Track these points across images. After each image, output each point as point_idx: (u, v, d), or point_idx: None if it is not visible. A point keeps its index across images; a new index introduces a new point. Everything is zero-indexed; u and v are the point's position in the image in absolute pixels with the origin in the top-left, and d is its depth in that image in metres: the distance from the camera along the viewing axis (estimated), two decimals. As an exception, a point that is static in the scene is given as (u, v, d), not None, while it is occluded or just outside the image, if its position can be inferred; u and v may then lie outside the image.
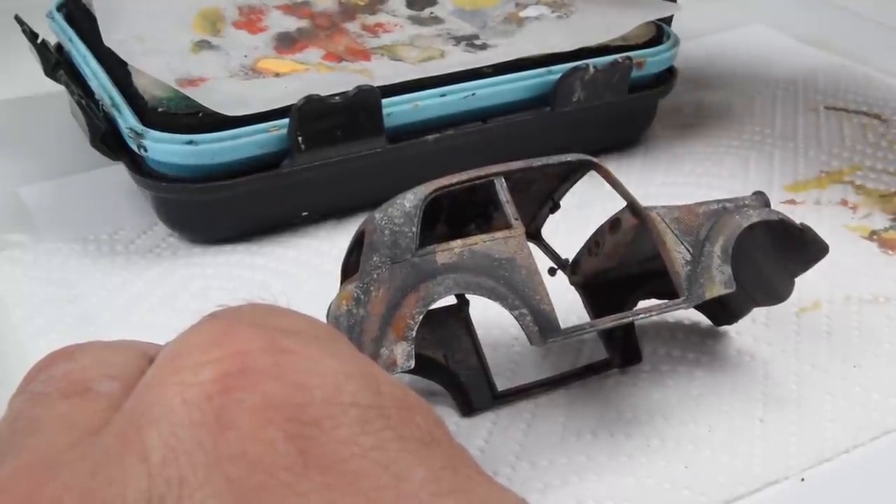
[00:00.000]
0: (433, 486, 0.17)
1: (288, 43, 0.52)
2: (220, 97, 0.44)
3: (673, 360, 0.40)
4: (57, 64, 0.50)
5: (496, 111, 0.50)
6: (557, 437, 0.36)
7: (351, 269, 0.35)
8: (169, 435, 0.16)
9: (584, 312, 0.40)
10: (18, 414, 0.19)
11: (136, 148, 0.44)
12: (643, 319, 0.35)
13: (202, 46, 0.50)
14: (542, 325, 0.32)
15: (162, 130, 0.43)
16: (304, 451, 0.16)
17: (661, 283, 0.37)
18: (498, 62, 0.50)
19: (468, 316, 0.38)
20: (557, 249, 0.41)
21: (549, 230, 0.42)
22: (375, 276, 0.33)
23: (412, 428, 0.18)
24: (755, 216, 0.36)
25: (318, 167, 0.46)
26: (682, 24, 0.57)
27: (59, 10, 0.55)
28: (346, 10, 0.56)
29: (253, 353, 0.18)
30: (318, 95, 0.44)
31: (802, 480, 0.35)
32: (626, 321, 0.35)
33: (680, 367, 0.40)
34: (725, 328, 0.42)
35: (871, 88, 0.65)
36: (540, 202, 0.41)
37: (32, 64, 0.52)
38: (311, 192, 0.47)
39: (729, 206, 0.37)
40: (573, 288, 0.40)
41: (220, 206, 0.46)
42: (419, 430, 0.18)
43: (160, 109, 0.44)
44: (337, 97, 0.45)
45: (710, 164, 0.56)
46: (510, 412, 0.37)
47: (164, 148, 0.43)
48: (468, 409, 0.37)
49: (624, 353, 0.40)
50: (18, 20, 0.52)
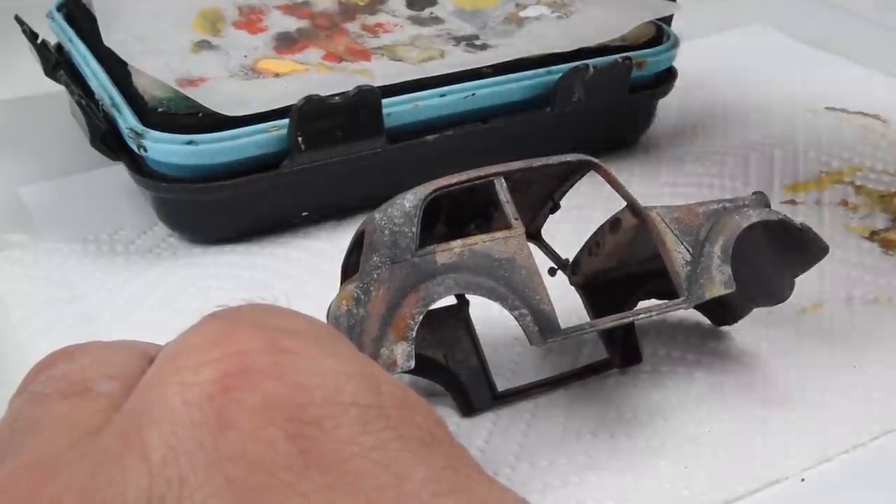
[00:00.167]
0: (433, 485, 0.17)
1: (288, 43, 0.52)
2: (220, 97, 0.44)
3: (673, 360, 0.40)
4: (57, 64, 0.50)
5: (496, 111, 0.50)
6: (557, 437, 0.36)
7: (351, 269, 0.35)
8: (169, 435, 0.16)
9: (584, 312, 0.40)
10: (18, 414, 0.19)
11: (136, 148, 0.44)
12: (643, 319, 0.35)
13: (202, 46, 0.50)
14: (542, 325, 0.32)
15: (162, 130, 0.43)
16: (304, 450, 0.16)
17: (661, 283, 0.37)
18: (498, 62, 0.50)
19: (468, 316, 0.37)
20: (557, 249, 0.41)
21: (549, 230, 0.42)
22: (375, 276, 0.33)
23: (412, 428, 0.18)
24: (755, 216, 0.36)
25: (318, 167, 0.46)
26: (682, 24, 0.57)
27: (59, 10, 0.55)
28: (346, 10, 0.56)
29: (253, 353, 0.18)
30: (318, 95, 0.44)
31: (802, 480, 0.35)
32: (626, 321, 0.35)
33: (680, 367, 0.40)
34: (726, 328, 0.42)
35: (871, 88, 0.65)
36: (540, 202, 0.41)
37: (32, 64, 0.52)
38: (311, 192, 0.47)
39: (729, 206, 0.37)
40: (573, 288, 0.40)
41: (220, 206, 0.46)
42: (419, 429, 0.18)
43: (160, 109, 0.44)
44: (337, 97, 0.45)
45: (710, 164, 0.56)
46: (510, 412, 0.37)
47: (164, 148, 0.43)
48: (468, 409, 0.37)
49: (624, 353, 0.40)
50: (18, 20, 0.52)
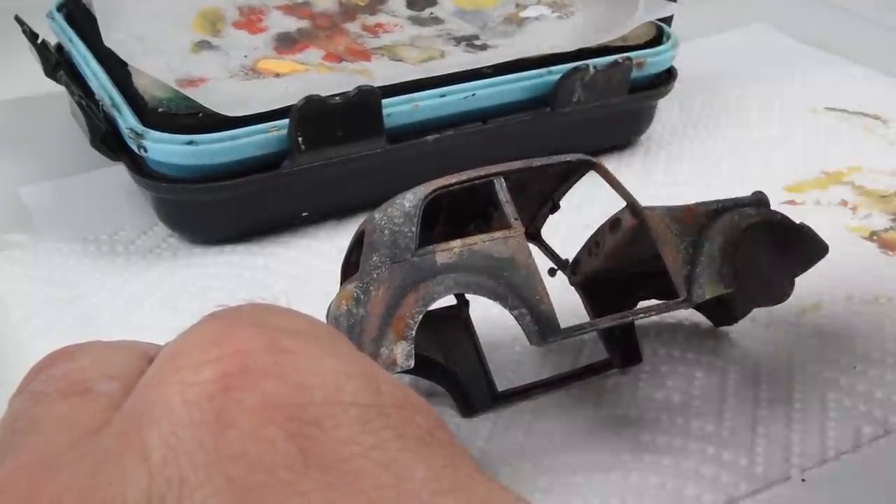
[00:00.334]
0: (434, 484, 0.17)
1: (288, 43, 0.52)
2: (220, 97, 0.44)
3: (673, 360, 0.40)
4: (57, 64, 0.50)
5: (496, 111, 0.50)
6: (558, 437, 0.36)
7: (351, 269, 0.35)
8: (169, 434, 0.16)
9: (584, 312, 0.40)
10: (18, 414, 0.19)
11: (136, 148, 0.44)
12: (643, 319, 0.35)
13: (202, 47, 0.50)
14: (541, 325, 0.32)
15: (162, 131, 0.43)
16: (304, 450, 0.16)
17: (661, 283, 0.37)
18: (498, 62, 0.50)
19: (468, 316, 0.37)
20: (557, 249, 0.41)
21: (549, 230, 0.42)
22: (375, 275, 0.33)
23: (412, 427, 0.18)
24: (755, 216, 0.36)
25: (318, 167, 0.46)
26: (682, 24, 0.57)
27: (59, 10, 0.55)
28: (346, 10, 0.56)
29: (253, 352, 0.18)
30: (318, 96, 0.44)
31: (803, 480, 0.35)
32: (625, 321, 0.35)
33: (680, 367, 0.40)
34: (725, 329, 0.42)
35: (871, 88, 0.65)
36: (540, 202, 0.41)
37: (32, 64, 0.52)
38: (311, 192, 0.47)
39: (729, 205, 0.37)
40: (573, 288, 0.40)
41: (220, 206, 0.46)
42: (419, 429, 0.18)
43: (160, 110, 0.44)
44: (337, 97, 0.45)
45: (709, 164, 0.56)
46: (510, 412, 0.37)
47: (164, 148, 0.43)
48: (468, 409, 0.37)
49: (624, 353, 0.40)
50: (18, 20, 0.52)
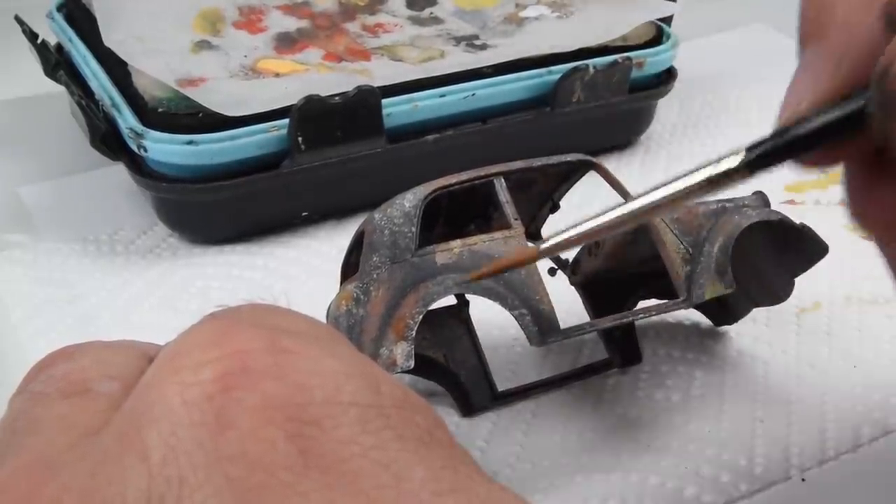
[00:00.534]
0: (433, 485, 0.17)
1: (288, 43, 0.52)
2: (220, 97, 0.44)
3: (673, 360, 0.40)
4: (57, 64, 0.50)
5: (496, 111, 0.50)
6: (558, 437, 0.36)
7: (351, 269, 0.35)
8: (169, 434, 0.16)
9: (584, 312, 0.40)
10: (18, 414, 0.19)
11: (136, 148, 0.44)
12: (643, 319, 0.35)
13: (202, 46, 0.50)
14: (541, 325, 0.32)
15: (162, 131, 0.43)
16: (304, 450, 0.16)
17: (661, 283, 0.37)
18: (498, 62, 0.50)
19: (468, 316, 0.37)
20: (557, 249, 0.41)
21: (549, 230, 0.42)
22: (375, 276, 0.33)
23: (412, 427, 0.18)
24: (755, 216, 0.36)
25: (318, 167, 0.46)
26: (682, 24, 0.57)
27: (59, 10, 0.55)
28: (346, 10, 0.56)
29: (253, 352, 0.18)
30: (318, 95, 0.44)
31: (803, 480, 0.35)
32: (626, 321, 0.35)
33: (680, 367, 0.40)
34: (725, 328, 0.42)
35: (871, 89, 0.65)
36: (540, 202, 0.41)
37: (32, 64, 0.52)
38: (311, 192, 0.47)
39: (729, 206, 0.37)
40: (573, 288, 0.40)
41: (220, 206, 0.46)
42: (419, 429, 0.18)
43: (160, 109, 0.44)
44: (337, 97, 0.45)
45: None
46: (510, 412, 0.37)
47: (164, 148, 0.43)
48: (468, 409, 0.37)
49: (624, 353, 0.40)
50: (18, 20, 0.52)
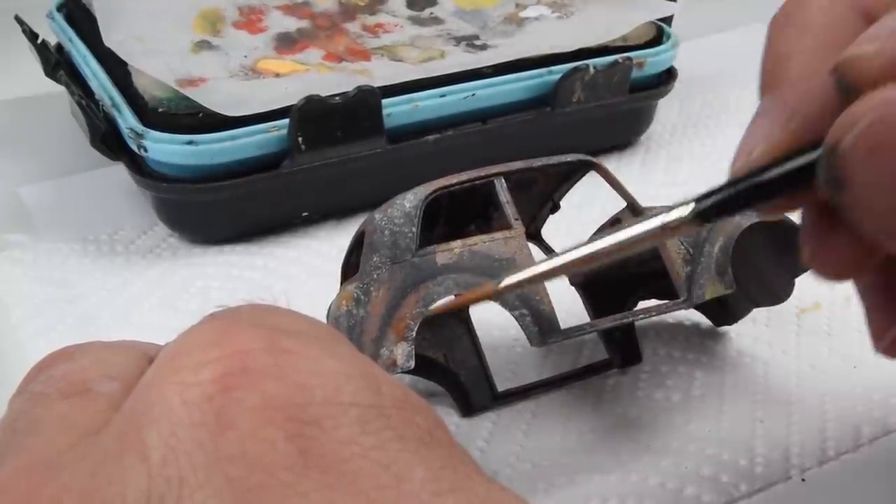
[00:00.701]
0: (433, 485, 0.17)
1: (288, 43, 0.52)
2: (220, 97, 0.44)
3: (673, 360, 0.40)
4: (57, 64, 0.50)
5: (496, 111, 0.50)
6: (558, 437, 0.36)
7: (351, 269, 0.35)
8: (169, 435, 0.16)
9: (584, 313, 0.40)
10: (18, 414, 0.19)
11: (136, 148, 0.44)
12: (643, 320, 0.35)
13: (202, 47, 0.50)
14: (541, 325, 0.32)
15: (162, 130, 0.43)
16: (304, 450, 0.16)
17: (661, 283, 0.37)
18: (498, 62, 0.50)
19: (468, 316, 0.37)
20: (557, 249, 0.41)
21: (549, 230, 0.42)
22: (375, 276, 0.33)
23: (412, 428, 0.18)
24: (755, 216, 0.36)
25: (318, 167, 0.46)
26: (682, 24, 0.57)
27: (59, 10, 0.55)
28: (346, 10, 0.56)
29: (253, 352, 0.18)
30: (318, 96, 0.44)
31: (803, 480, 0.35)
32: (626, 321, 0.35)
33: (680, 367, 0.40)
34: (725, 329, 0.42)
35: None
36: (540, 202, 0.41)
37: (32, 64, 0.52)
38: (311, 192, 0.47)
39: (729, 206, 0.37)
40: (573, 288, 0.40)
41: (220, 206, 0.46)
42: (419, 429, 0.18)
43: (160, 109, 0.44)
44: (337, 97, 0.45)
45: (709, 164, 0.56)
46: (510, 412, 0.37)
47: (164, 148, 0.43)
48: (468, 409, 0.37)
49: (624, 353, 0.40)
50: (18, 20, 0.52)
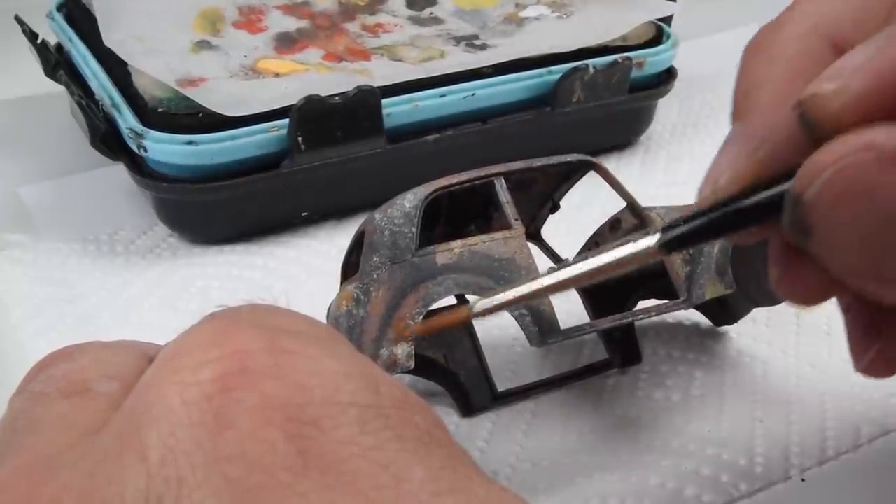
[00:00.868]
0: (432, 485, 0.17)
1: (288, 43, 0.52)
2: (220, 97, 0.44)
3: (673, 360, 0.40)
4: (57, 64, 0.50)
5: (496, 111, 0.50)
6: (558, 437, 0.36)
7: (351, 269, 0.35)
8: (168, 435, 0.16)
9: (584, 313, 0.40)
10: (18, 413, 0.19)
11: (136, 148, 0.44)
12: (643, 320, 0.35)
13: (202, 46, 0.50)
14: (541, 325, 0.32)
15: (162, 131, 0.43)
16: (303, 451, 0.16)
17: (661, 283, 0.37)
18: (498, 62, 0.50)
19: (468, 316, 0.37)
20: (557, 249, 0.41)
21: (549, 230, 0.42)
22: (375, 276, 0.33)
23: (411, 428, 0.18)
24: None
25: (318, 167, 0.46)
26: (682, 24, 0.57)
27: (59, 10, 0.55)
28: (346, 10, 0.56)
29: (253, 353, 0.18)
30: (318, 95, 0.44)
31: (803, 480, 0.35)
32: (626, 322, 0.35)
33: (680, 367, 0.40)
34: (725, 328, 0.42)
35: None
36: (540, 202, 0.41)
37: (32, 64, 0.52)
38: (311, 192, 0.48)
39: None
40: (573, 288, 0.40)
41: (220, 206, 0.46)
42: (418, 429, 0.18)
43: (160, 109, 0.44)
44: (337, 97, 0.45)
45: (709, 163, 0.56)
46: (510, 412, 0.37)
47: (164, 148, 0.43)
48: (468, 409, 0.37)
49: (624, 353, 0.40)
50: (18, 20, 0.52)
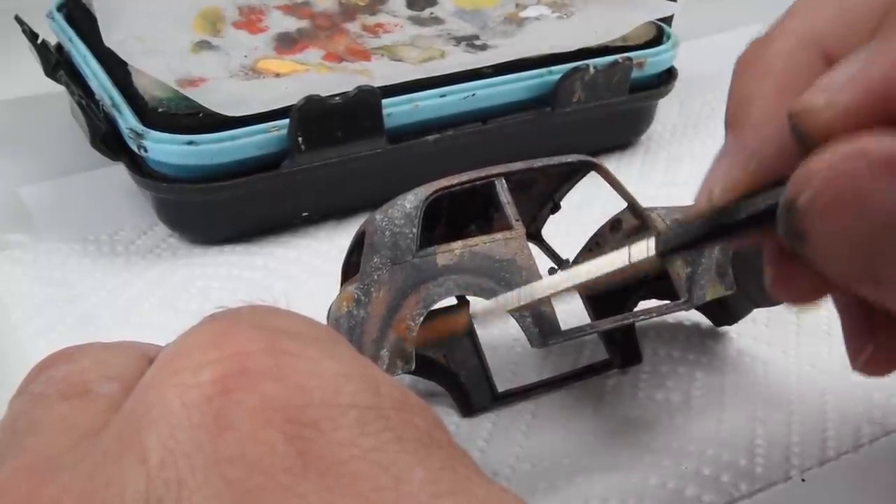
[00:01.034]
0: (432, 486, 0.17)
1: (288, 43, 0.52)
2: (220, 97, 0.44)
3: (673, 360, 0.40)
4: (57, 64, 0.50)
5: (496, 111, 0.50)
6: (558, 437, 0.36)
7: (351, 270, 0.35)
8: (168, 437, 0.16)
9: (584, 313, 0.40)
10: (18, 415, 0.19)
11: (136, 148, 0.44)
12: (644, 321, 0.35)
13: (202, 46, 0.50)
14: (542, 326, 0.32)
15: (162, 131, 0.43)
16: (303, 452, 0.16)
17: (661, 284, 0.37)
18: (498, 62, 0.50)
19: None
20: (557, 249, 0.41)
21: (549, 230, 0.42)
22: (376, 277, 0.33)
23: (411, 429, 0.18)
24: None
25: (318, 167, 0.46)
26: (682, 24, 0.57)
27: (59, 10, 0.55)
28: (346, 10, 0.56)
29: (252, 354, 0.18)
30: (318, 96, 0.44)
31: (803, 480, 0.35)
32: (626, 323, 0.35)
33: (680, 367, 0.40)
34: (726, 329, 0.42)
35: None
36: (540, 203, 0.41)
37: (32, 64, 0.52)
38: (311, 192, 0.47)
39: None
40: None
41: (220, 206, 0.46)
42: (418, 431, 0.18)
43: (160, 110, 0.44)
44: (337, 97, 0.45)
45: (709, 164, 0.56)
46: (510, 413, 0.37)
47: (164, 148, 0.43)
48: (468, 409, 0.37)
49: (624, 353, 0.40)
50: (18, 20, 0.52)
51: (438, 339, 0.35)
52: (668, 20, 0.57)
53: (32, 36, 0.51)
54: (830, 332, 0.42)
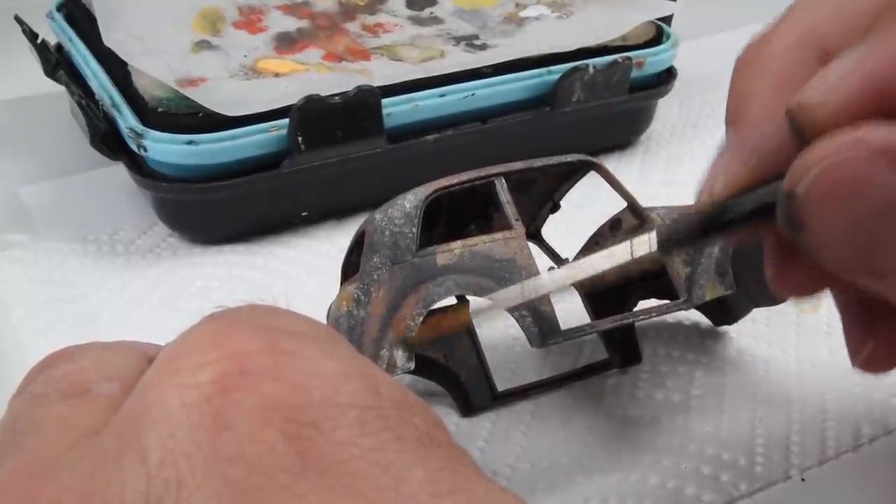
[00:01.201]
0: (432, 486, 0.17)
1: (288, 43, 0.52)
2: (220, 97, 0.44)
3: (673, 360, 0.40)
4: (57, 64, 0.50)
5: (496, 111, 0.50)
6: (558, 437, 0.36)
7: (351, 269, 0.35)
8: (167, 436, 0.16)
9: (584, 313, 0.40)
10: (18, 415, 0.19)
11: (136, 148, 0.44)
12: (643, 320, 0.35)
13: (202, 46, 0.50)
14: (542, 326, 0.32)
15: (162, 130, 0.43)
16: (302, 452, 0.16)
17: (661, 283, 0.37)
18: (498, 62, 0.50)
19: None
20: (557, 249, 0.41)
21: (549, 230, 0.42)
22: (376, 276, 0.33)
23: (411, 429, 0.18)
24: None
25: (318, 167, 0.46)
26: (682, 24, 0.57)
27: (59, 10, 0.55)
28: (346, 10, 0.56)
29: (252, 353, 0.18)
30: (318, 95, 0.44)
31: (803, 480, 0.35)
32: (626, 322, 0.35)
33: (680, 367, 0.40)
34: (725, 328, 0.42)
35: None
36: (540, 202, 0.41)
37: (32, 64, 0.52)
38: (311, 192, 0.48)
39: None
40: (573, 288, 0.40)
41: (220, 206, 0.46)
42: (418, 430, 0.18)
43: (160, 109, 0.44)
44: (337, 97, 0.45)
45: (706, 170, 0.56)
46: (510, 412, 0.37)
47: (164, 148, 0.43)
48: (468, 409, 0.37)
49: (624, 353, 0.40)
50: (18, 20, 0.52)
51: (438, 338, 0.35)
52: (667, 20, 0.57)
53: (32, 36, 0.51)
54: (830, 331, 0.42)
